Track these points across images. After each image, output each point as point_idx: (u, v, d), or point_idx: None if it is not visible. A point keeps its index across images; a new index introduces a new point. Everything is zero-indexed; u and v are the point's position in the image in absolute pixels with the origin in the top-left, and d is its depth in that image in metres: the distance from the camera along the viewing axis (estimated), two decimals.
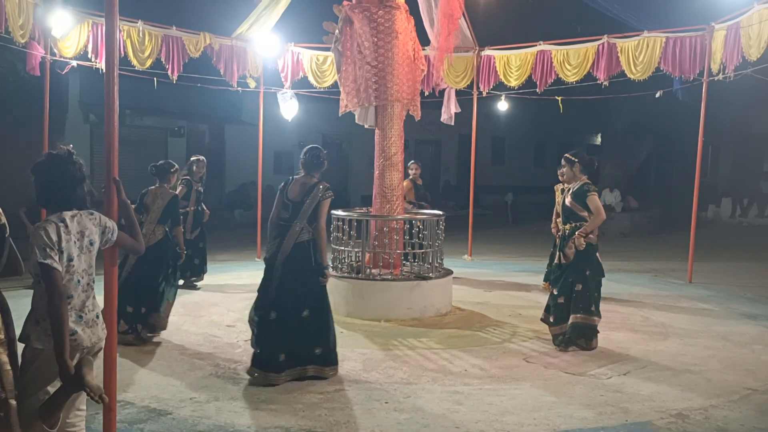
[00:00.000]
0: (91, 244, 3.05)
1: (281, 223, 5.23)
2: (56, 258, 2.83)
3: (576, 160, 6.18)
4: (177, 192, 7.50)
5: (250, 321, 5.27)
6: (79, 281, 2.98)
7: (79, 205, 3.05)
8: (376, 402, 4.72)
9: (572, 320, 6.04)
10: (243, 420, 4.35)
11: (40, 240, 2.82)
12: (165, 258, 6.37)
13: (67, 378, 2.78)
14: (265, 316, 5.12)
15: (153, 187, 6.60)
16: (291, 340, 5.10)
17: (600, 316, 6.15)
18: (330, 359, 5.27)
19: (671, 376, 5.39)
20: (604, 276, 6.25)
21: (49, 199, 3.02)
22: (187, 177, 8.78)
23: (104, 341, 3.18)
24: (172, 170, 6.68)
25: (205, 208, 9.07)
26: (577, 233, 6.00)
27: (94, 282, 3.11)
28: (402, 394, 4.89)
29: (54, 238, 2.85)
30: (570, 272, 6.06)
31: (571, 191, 6.20)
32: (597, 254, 6.10)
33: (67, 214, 2.96)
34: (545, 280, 8.73)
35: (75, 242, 2.96)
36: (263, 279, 5.22)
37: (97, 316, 3.11)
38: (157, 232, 6.37)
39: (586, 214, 6.04)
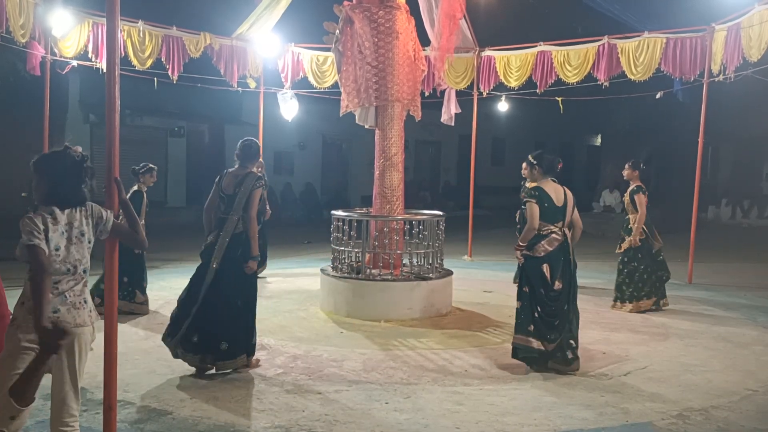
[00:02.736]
0: (82, 234, 3.08)
1: (221, 216, 5.38)
2: (42, 240, 2.89)
3: (535, 162, 5.61)
4: None
5: (179, 299, 5.39)
6: (68, 270, 3.02)
7: (77, 203, 3.08)
8: (376, 402, 4.72)
9: (513, 340, 5.55)
10: (243, 420, 4.34)
11: (27, 226, 2.90)
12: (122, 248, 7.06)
13: (46, 337, 2.73)
14: (191, 299, 5.27)
15: None
16: (210, 327, 5.19)
17: (541, 339, 5.36)
18: (237, 352, 5.29)
19: (672, 377, 5.38)
20: (542, 301, 5.37)
21: (48, 196, 3.04)
22: None
23: (89, 329, 3.12)
24: (141, 171, 7.39)
25: (267, 208, 9.30)
26: (514, 247, 5.61)
27: (86, 272, 3.13)
28: (402, 395, 4.88)
29: (41, 226, 2.91)
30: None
31: None
32: (543, 267, 5.35)
33: (58, 208, 3.00)
34: None
35: (63, 233, 3.00)
36: (199, 266, 5.35)
37: (85, 301, 3.10)
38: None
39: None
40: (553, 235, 5.40)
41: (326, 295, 7.62)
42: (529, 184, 8.42)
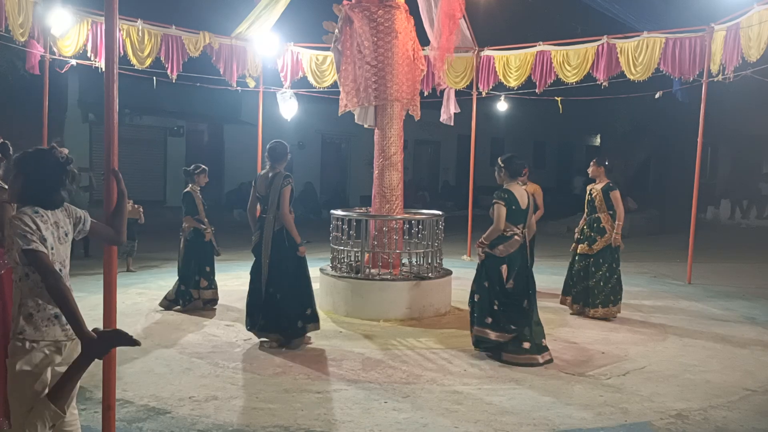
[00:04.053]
0: (66, 234, 2.98)
1: (262, 216, 6.01)
2: (38, 242, 2.75)
3: (503, 166, 5.88)
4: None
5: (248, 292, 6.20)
6: (60, 270, 2.90)
7: (56, 205, 2.96)
8: (375, 402, 4.72)
9: (473, 331, 5.90)
10: (242, 419, 4.34)
11: (18, 228, 2.74)
12: (187, 246, 7.61)
13: (92, 346, 2.72)
14: (256, 290, 6.03)
15: None
16: (275, 311, 5.94)
17: (499, 331, 5.67)
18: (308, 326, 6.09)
19: (670, 377, 5.39)
20: (500, 296, 5.71)
21: (26, 196, 2.91)
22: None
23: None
24: (196, 172, 7.68)
25: None
26: (477, 243, 5.88)
27: (67, 274, 3.01)
28: (401, 394, 4.88)
29: (32, 225, 2.77)
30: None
31: None
32: (502, 268, 5.69)
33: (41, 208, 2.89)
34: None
35: (52, 232, 2.88)
36: (254, 263, 6.11)
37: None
38: (185, 224, 7.62)
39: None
40: (515, 237, 5.74)
41: (325, 294, 7.62)
42: (526, 185, 8.36)
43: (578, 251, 7.58)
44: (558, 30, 13.56)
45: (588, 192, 7.75)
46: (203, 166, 7.78)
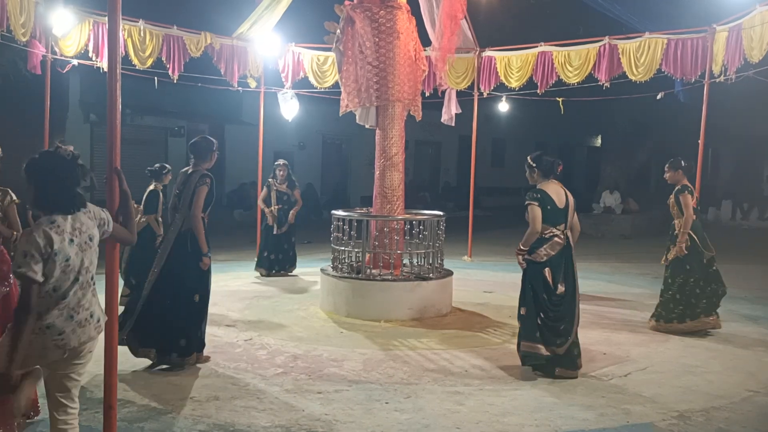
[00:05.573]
0: (90, 239, 2.97)
1: (174, 213, 5.46)
2: (36, 268, 2.74)
3: (534, 165, 5.45)
4: (261, 195, 9.98)
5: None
6: (77, 279, 2.91)
7: (78, 207, 2.95)
8: (376, 402, 4.71)
9: (521, 347, 5.45)
10: (243, 419, 4.34)
11: (22, 246, 2.77)
12: (144, 242, 7.10)
13: (3, 384, 2.85)
14: (145, 295, 5.32)
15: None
16: (161, 324, 5.24)
17: (548, 345, 5.28)
18: (192, 348, 5.39)
19: (673, 378, 5.38)
20: (546, 307, 5.30)
21: (45, 203, 2.90)
22: (270, 180, 9.88)
23: (96, 341, 3.08)
24: (164, 172, 7.80)
25: (293, 211, 9.84)
26: (516, 251, 5.43)
27: (93, 279, 3.04)
28: (402, 395, 4.87)
29: (41, 243, 2.76)
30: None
31: None
32: (545, 272, 5.26)
33: (59, 215, 2.87)
34: None
35: (71, 240, 2.86)
36: (155, 260, 5.42)
37: (92, 315, 3.02)
38: (141, 221, 7.56)
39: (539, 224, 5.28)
40: (556, 238, 5.27)
41: (326, 294, 7.62)
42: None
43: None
44: (559, 31, 13.55)
45: None
46: (168, 166, 7.89)
